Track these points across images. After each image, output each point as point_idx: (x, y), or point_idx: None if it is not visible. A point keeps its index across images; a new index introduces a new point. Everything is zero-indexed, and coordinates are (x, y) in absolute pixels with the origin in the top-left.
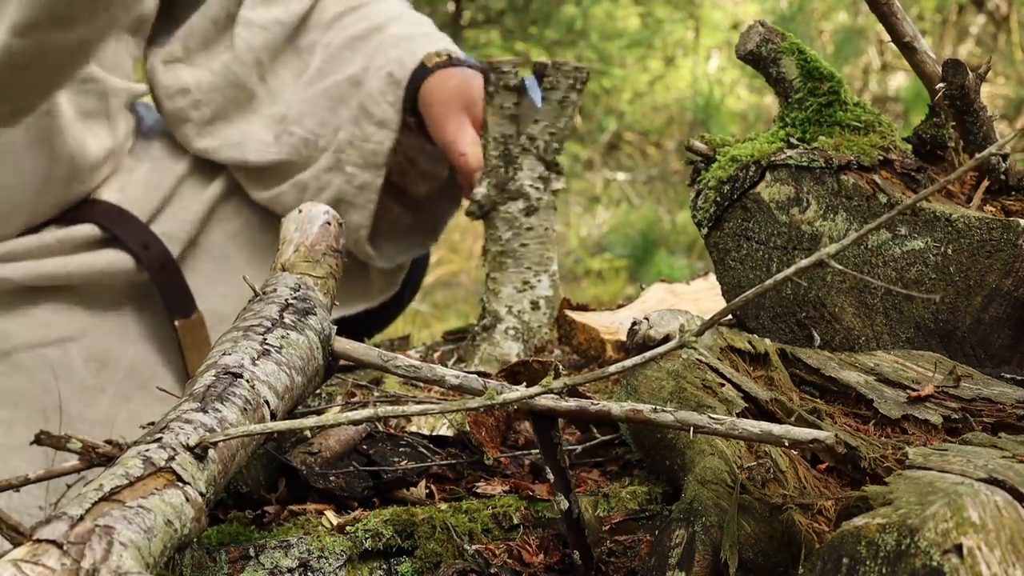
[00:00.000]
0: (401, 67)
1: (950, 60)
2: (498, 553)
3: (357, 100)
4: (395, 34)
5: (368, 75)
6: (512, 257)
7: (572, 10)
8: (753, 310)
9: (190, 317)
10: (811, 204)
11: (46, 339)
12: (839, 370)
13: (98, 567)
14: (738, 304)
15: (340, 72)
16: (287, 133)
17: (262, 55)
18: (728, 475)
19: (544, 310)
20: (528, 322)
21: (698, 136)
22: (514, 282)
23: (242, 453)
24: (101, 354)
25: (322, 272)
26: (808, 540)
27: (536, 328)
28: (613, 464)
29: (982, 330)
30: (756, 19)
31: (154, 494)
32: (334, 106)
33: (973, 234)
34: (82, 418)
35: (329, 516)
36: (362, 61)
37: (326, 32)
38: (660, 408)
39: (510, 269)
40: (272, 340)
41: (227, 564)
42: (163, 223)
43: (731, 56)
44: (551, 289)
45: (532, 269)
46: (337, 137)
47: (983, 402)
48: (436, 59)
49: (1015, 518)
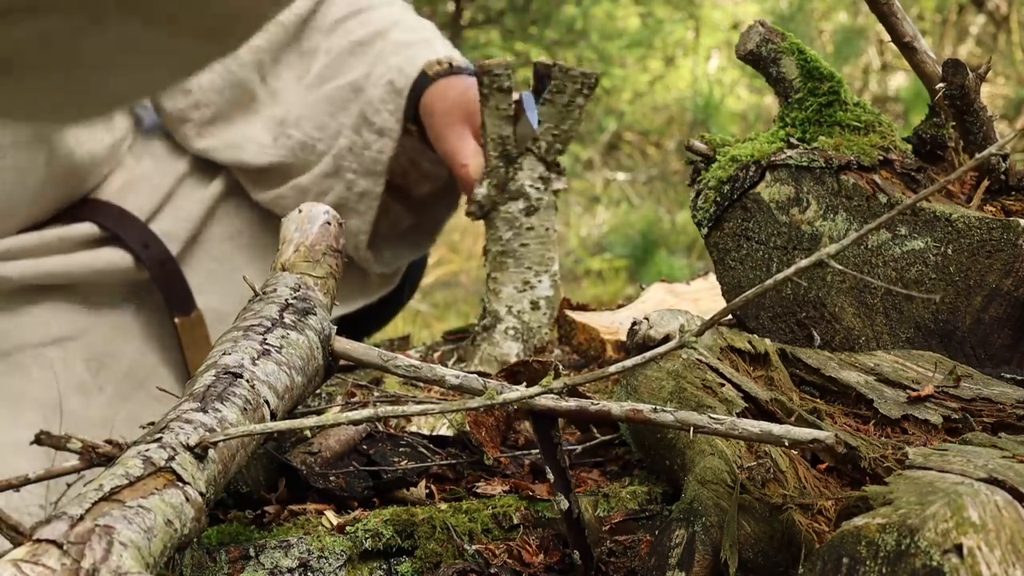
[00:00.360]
0: (401, 75)
1: (950, 60)
2: (498, 553)
3: (358, 107)
4: (397, 40)
5: (369, 82)
6: (513, 257)
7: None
8: (753, 310)
9: (190, 315)
10: (811, 204)
11: (45, 338)
12: (839, 370)
13: (98, 567)
14: (738, 304)
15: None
16: (285, 136)
17: (263, 56)
18: (728, 475)
19: (544, 310)
20: (528, 322)
21: (698, 136)
22: (515, 282)
23: (242, 453)
24: (101, 353)
25: (322, 272)
26: (808, 540)
27: (536, 328)
28: (613, 464)
29: (982, 330)
30: (756, 19)
31: (154, 494)
32: (334, 111)
33: (973, 234)
34: (81, 417)
35: (329, 516)
36: (363, 67)
37: (329, 36)
38: (660, 408)
39: (511, 269)
40: (272, 340)
41: (227, 564)
42: (163, 222)
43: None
44: (552, 289)
45: (533, 269)
46: (337, 142)
47: (983, 402)
48: (437, 67)
49: (1015, 518)
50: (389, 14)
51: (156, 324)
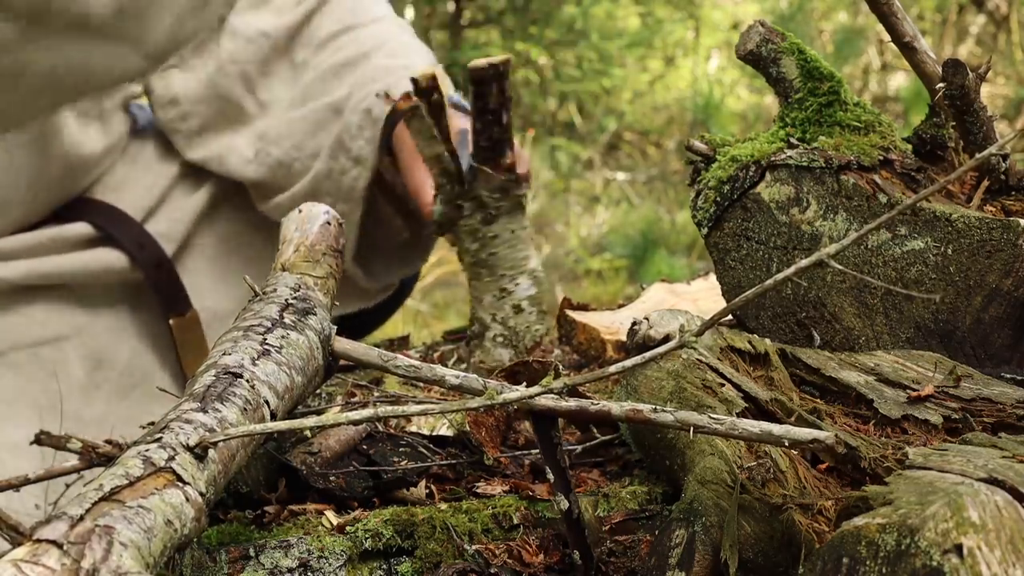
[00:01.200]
0: (378, 104)
1: (950, 60)
2: (498, 553)
3: (336, 130)
4: (379, 66)
5: (348, 105)
6: (484, 267)
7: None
8: (753, 310)
9: (185, 316)
10: (811, 204)
11: (41, 338)
12: (839, 370)
13: (98, 567)
14: (738, 304)
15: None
16: (265, 152)
17: (248, 68)
18: (728, 475)
19: (529, 310)
20: (514, 327)
21: (698, 136)
22: (491, 291)
23: (242, 453)
24: (96, 353)
25: (322, 272)
26: (808, 540)
27: (524, 330)
28: (613, 464)
29: (982, 330)
30: (756, 19)
31: (154, 494)
32: (314, 131)
33: (973, 234)
34: (78, 417)
35: (329, 516)
36: (345, 89)
37: (318, 52)
38: (660, 408)
39: (485, 279)
40: (272, 340)
41: (227, 564)
42: (157, 223)
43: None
44: (533, 287)
45: (507, 275)
46: (314, 164)
47: (983, 402)
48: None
49: (1015, 518)
50: (377, 34)
51: (151, 324)
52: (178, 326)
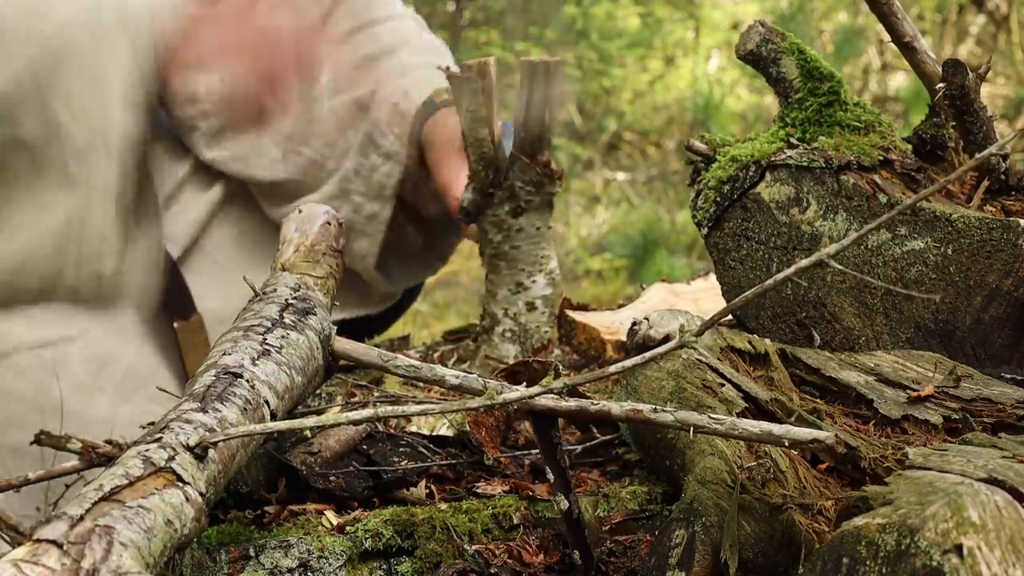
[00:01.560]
0: (407, 99)
1: (950, 60)
2: (498, 553)
3: (364, 127)
4: (405, 62)
5: (375, 102)
6: (504, 259)
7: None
8: (753, 310)
9: (189, 319)
10: (811, 204)
11: (45, 340)
12: (839, 370)
13: (98, 567)
14: (738, 304)
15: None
16: (295, 152)
17: None
18: (728, 475)
19: (542, 309)
20: (524, 324)
21: (698, 136)
22: (508, 284)
23: (242, 453)
24: (100, 355)
25: (322, 272)
26: (808, 540)
27: (533, 329)
28: (613, 464)
29: (982, 330)
30: (756, 19)
31: (154, 494)
32: (342, 128)
33: (973, 234)
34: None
35: (329, 516)
36: (370, 84)
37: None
38: (660, 408)
39: (503, 272)
40: (272, 340)
41: (227, 564)
42: (164, 225)
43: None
44: (549, 287)
45: (526, 270)
46: (344, 164)
47: (983, 402)
48: (445, 95)
49: (1015, 518)
50: (397, 30)
51: (155, 327)
52: (182, 329)
